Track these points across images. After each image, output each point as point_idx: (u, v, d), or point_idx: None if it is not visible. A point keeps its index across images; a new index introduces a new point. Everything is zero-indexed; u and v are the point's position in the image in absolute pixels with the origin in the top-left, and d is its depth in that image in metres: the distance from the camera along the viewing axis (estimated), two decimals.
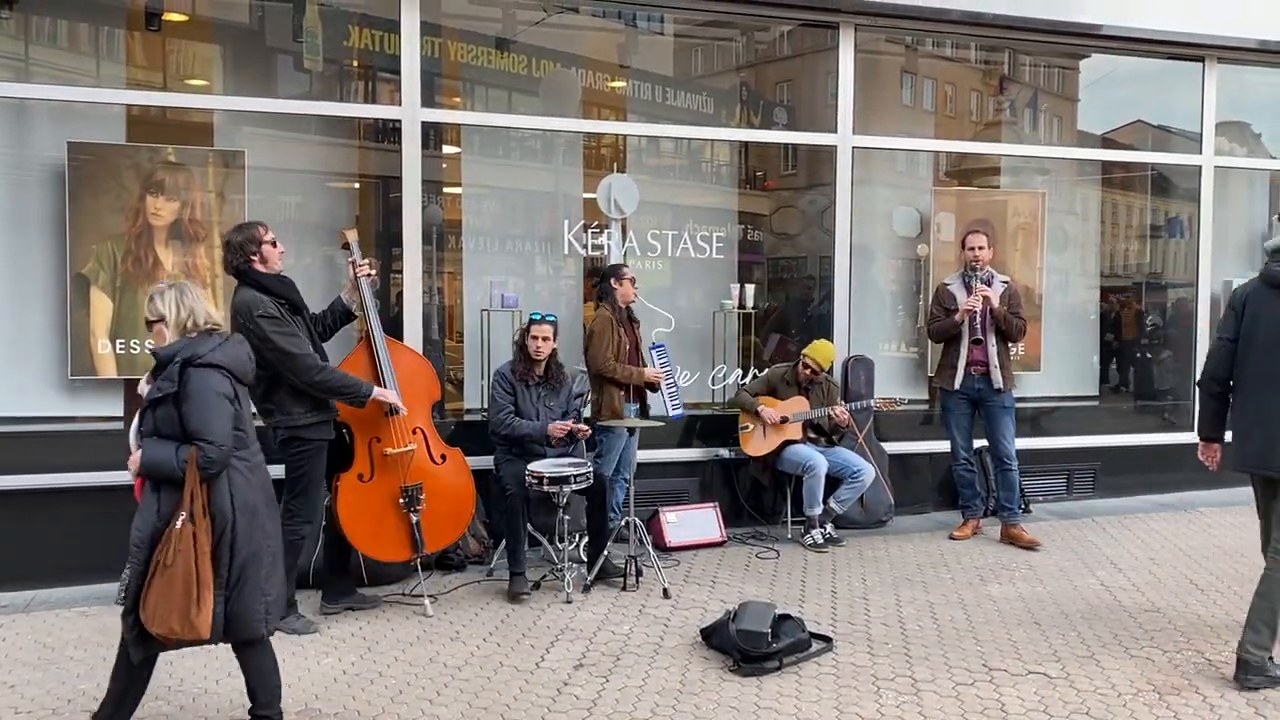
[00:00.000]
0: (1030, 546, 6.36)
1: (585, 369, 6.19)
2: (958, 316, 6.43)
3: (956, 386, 6.53)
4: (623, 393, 5.96)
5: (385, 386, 4.97)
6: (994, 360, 6.42)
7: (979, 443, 6.77)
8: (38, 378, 5.74)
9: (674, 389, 6.26)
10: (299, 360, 4.59)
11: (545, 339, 5.63)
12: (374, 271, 5.14)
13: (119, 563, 5.55)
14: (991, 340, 6.42)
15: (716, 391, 7.20)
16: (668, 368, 6.25)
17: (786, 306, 7.93)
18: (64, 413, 5.82)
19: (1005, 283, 6.55)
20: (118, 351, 5.73)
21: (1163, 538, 6.66)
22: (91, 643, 4.63)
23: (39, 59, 5.95)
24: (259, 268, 4.67)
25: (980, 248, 6.50)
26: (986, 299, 6.37)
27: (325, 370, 4.66)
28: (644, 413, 6.01)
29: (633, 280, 6.12)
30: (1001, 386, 6.42)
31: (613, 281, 6.06)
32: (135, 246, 5.77)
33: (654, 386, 6.11)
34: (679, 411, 6.29)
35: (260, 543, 3.45)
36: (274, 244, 4.74)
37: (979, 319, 6.41)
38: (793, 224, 8.04)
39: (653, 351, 6.29)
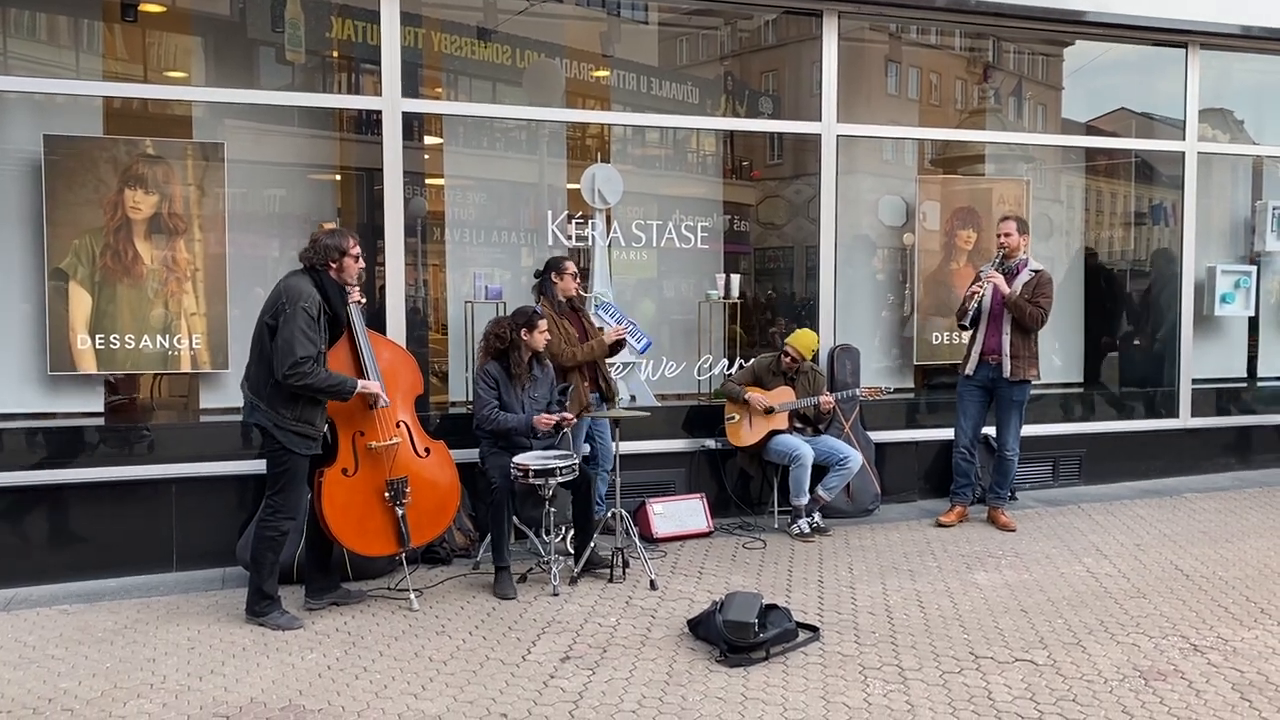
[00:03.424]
0: (1005, 528, 6.51)
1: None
2: (967, 304, 6.48)
3: (969, 372, 6.59)
4: (586, 383, 5.96)
5: (368, 379, 4.93)
6: (1005, 349, 6.42)
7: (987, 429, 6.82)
8: (16, 373, 5.68)
9: (633, 329, 6.27)
10: (292, 359, 4.52)
11: (544, 332, 5.60)
12: (364, 300, 5.14)
13: (101, 560, 5.55)
14: (1006, 328, 6.43)
15: (702, 382, 7.18)
16: (618, 316, 6.25)
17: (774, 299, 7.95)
18: (43, 409, 5.77)
19: (1035, 271, 6.50)
20: (97, 347, 5.68)
21: (1148, 524, 6.69)
22: (73, 641, 4.59)
23: (15, 51, 5.87)
24: (333, 274, 4.77)
25: (1007, 234, 6.51)
26: (995, 285, 6.39)
27: (311, 375, 4.60)
28: (605, 399, 6.04)
29: (574, 275, 6.08)
30: (1009, 376, 6.42)
31: (553, 276, 6.02)
32: (114, 240, 5.71)
33: (620, 344, 6.11)
34: (646, 343, 6.28)
35: None
36: (357, 259, 4.85)
37: (988, 303, 6.45)
38: (778, 214, 8.03)
39: (599, 310, 6.27)
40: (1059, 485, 7.77)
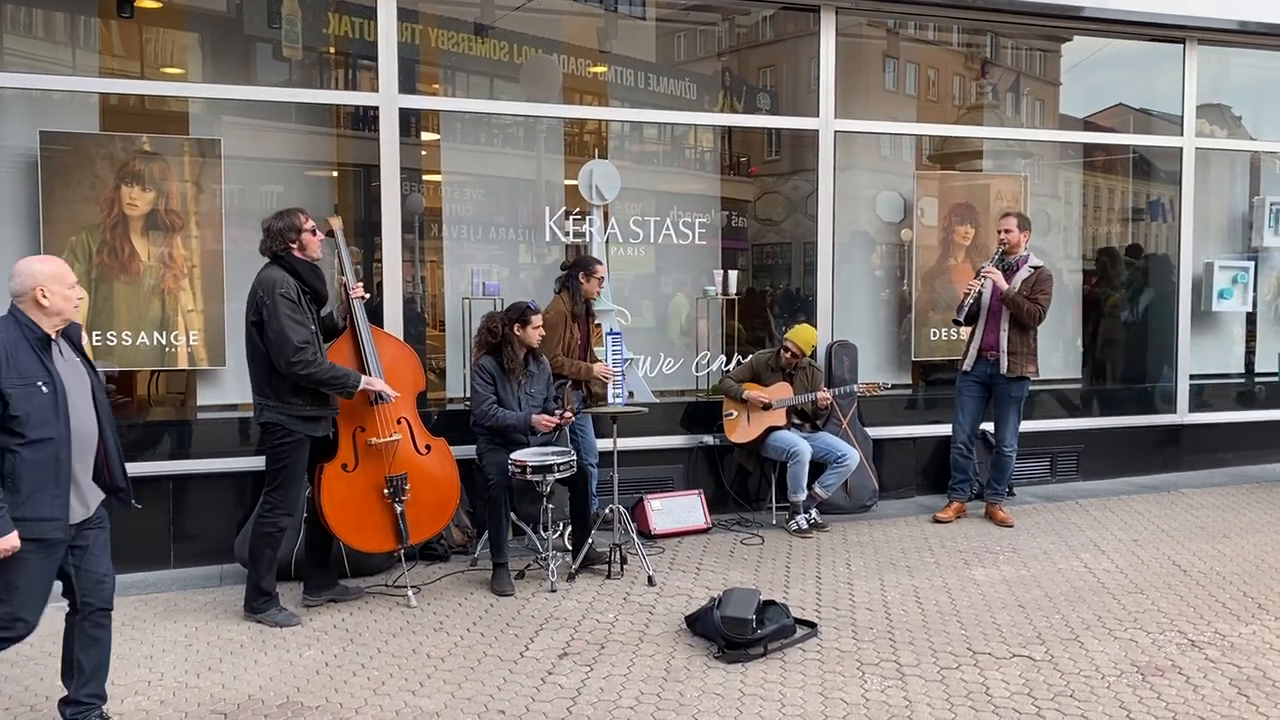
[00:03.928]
0: (1003, 524, 6.52)
1: None
2: (964, 299, 6.48)
3: (967, 368, 6.62)
4: (569, 384, 5.96)
5: (370, 374, 4.93)
6: (1003, 345, 6.42)
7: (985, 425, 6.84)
8: None
9: (620, 379, 6.28)
10: (291, 348, 4.53)
11: (538, 327, 5.59)
12: (368, 295, 5.13)
13: None
14: (1004, 325, 6.42)
15: (700, 378, 7.18)
16: (619, 356, 6.24)
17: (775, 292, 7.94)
18: None
19: (1035, 268, 6.49)
20: (94, 343, 5.67)
21: (1145, 519, 6.69)
22: None
23: (11, 48, 5.85)
24: (297, 254, 4.74)
25: (1007, 230, 6.51)
26: (993, 281, 6.40)
27: (314, 364, 4.60)
28: (588, 400, 6.06)
29: (601, 279, 6.10)
30: (1007, 372, 6.42)
31: (581, 276, 6.01)
32: (110, 237, 5.70)
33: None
34: (620, 399, 6.32)
35: None
36: (313, 232, 4.81)
37: (987, 299, 6.46)
38: (776, 210, 8.02)
39: (609, 338, 6.27)
40: (1057, 481, 7.77)
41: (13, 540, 3.23)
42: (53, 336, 3.43)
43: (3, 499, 3.21)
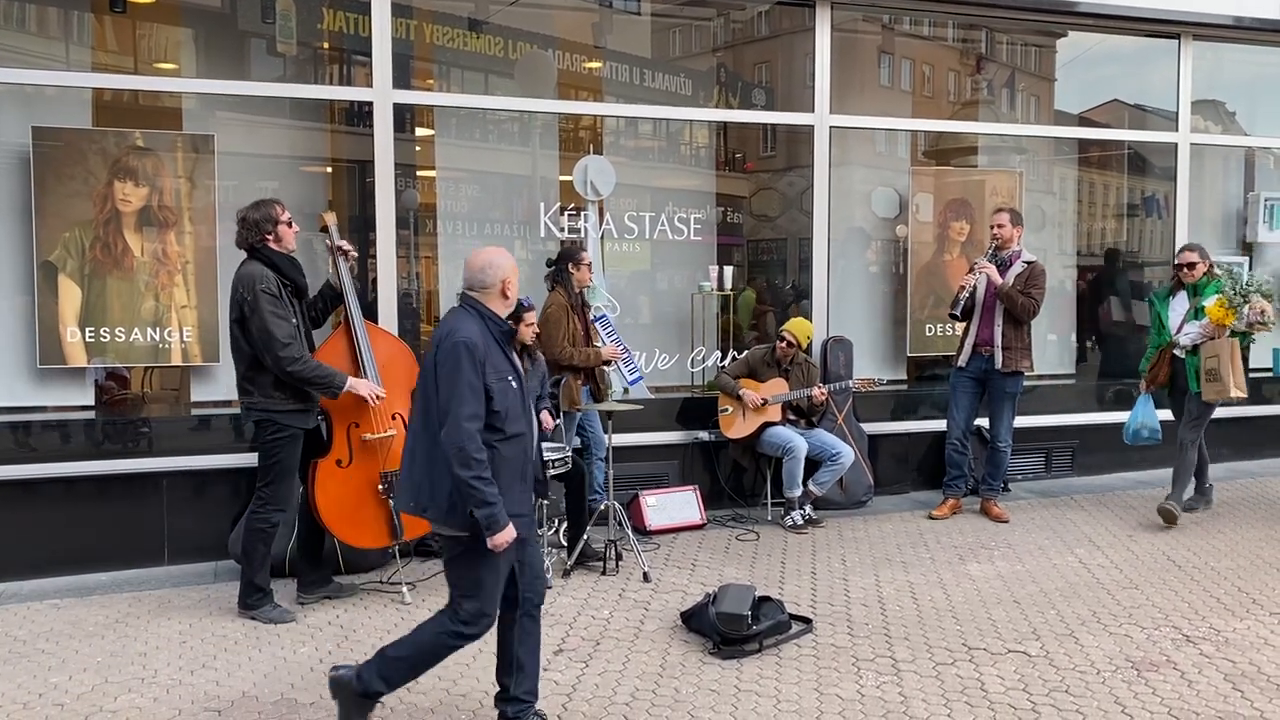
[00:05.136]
0: (998, 519, 6.52)
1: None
2: (959, 294, 6.49)
3: (962, 364, 6.62)
4: (579, 379, 5.95)
5: (364, 372, 4.92)
6: (998, 340, 6.43)
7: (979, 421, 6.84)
8: (6, 367, 5.65)
9: (627, 356, 6.29)
10: (277, 344, 4.53)
11: (531, 324, 5.57)
12: (353, 251, 5.10)
13: (92, 554, 5.53)
14: (998, 320, 6.43)
15: (696, 374, 7.17)
16: (615, 337, 6.25)
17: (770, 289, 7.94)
18: (33, 402, 5.74)
19: (1028, 263, 6.49)
20: (87, 340, 5.65)
21: (1140, 514, 6.70)
22: (63, 635, 4.57)
23: (4, 43, 5.82)
24: (273, 246, 4.71)
25: (1000, 225, 6.51)
26: (988, 275, 6.40)
27: (300, 361, 4.60)
28: (595, 395, 6.04)
29: (589, 265, 6.08)
30: (1002, 367, 6.42)
31: (570, 266, 6.00)
32: (104, 233, 5.67)
33: (609, 362, 6.16)
34: (637, 377, 6.31)
35: None
36: (289, 224, 4.79)
37: (982, 295, 6.46)
38: (772, 206, 8.01)
39: (596, 324, 6.27)
40: (1052, 477, 7.78)
41: (511, 533, 3.20)
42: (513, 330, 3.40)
43: (497, 494, 3.17)
